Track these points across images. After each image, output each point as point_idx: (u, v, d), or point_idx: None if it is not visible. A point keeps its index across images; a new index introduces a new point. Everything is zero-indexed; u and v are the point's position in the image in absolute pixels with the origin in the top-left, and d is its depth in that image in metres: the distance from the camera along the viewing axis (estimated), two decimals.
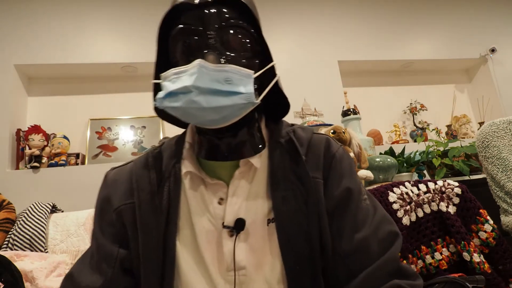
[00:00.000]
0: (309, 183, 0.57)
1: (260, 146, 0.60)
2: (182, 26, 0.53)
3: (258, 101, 0.52)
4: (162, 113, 0.61)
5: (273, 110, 0.66)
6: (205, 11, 0.53)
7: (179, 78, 0.50)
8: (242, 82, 0.50)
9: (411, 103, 2.98)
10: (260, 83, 0.56)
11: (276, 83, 0.58)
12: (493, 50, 3.00)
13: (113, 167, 0.67)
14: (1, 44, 2.26)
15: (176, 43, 0.54)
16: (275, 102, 0.63)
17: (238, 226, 0.55)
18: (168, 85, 0.51)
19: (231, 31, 0.53)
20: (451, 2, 3.16)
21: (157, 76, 0.56)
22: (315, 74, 2.68)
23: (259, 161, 0.59)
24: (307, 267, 0.54)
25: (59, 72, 2.41)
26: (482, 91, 3.09)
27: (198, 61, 0.49)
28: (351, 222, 0.56)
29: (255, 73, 0.53)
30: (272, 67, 0.58)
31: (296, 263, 0.54)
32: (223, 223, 0.56)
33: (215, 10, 0.53)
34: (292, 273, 0.54)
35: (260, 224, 0.57)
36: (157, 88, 0.56)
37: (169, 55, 0.57)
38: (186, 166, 0.59)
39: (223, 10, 0.53)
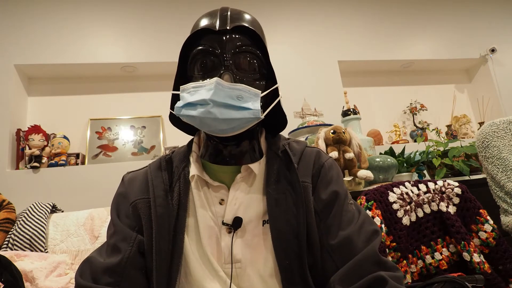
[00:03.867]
0: (298, 187, 0.64)
1: (258, 156, 0.68)
2: (203, 47, 0.62)
3: (263, 116, 0.60)
4: (174, 120, 0.71)
5: (273, 125, 0.75)
6: (223, 36, 0.62)
7: (197, 91, 0.59)
8: (251, 100, 0.59)
9: (411, 103, 2.98)
10: (264, 101, 0.64)
11: (278, 102, 0.68)
12: (493, 50, 3.00)
13: (129, 171, 0.75)
14: (1, 44, 2.26)
15: (196, 61, 0.63)
16: (275, 118, 0.73)
17: (236, 224, 0.63)
18: (187, 97, 0.60)
19: (243, 56, 0.63)
20: (451, 2, 3.17)
21: (175, 88, 0.65)
22: (315, 74, 2.68)
23: (258, 168, 0.68)
24: (296, 262, 0.60)
25: (59, 72, 2.42)
26: (482, 91, 3.09)
27: (215, 79, 0.58)
28: (338, 221, 0.63)
29: (262, 92, 0.62)
30: (276, 88, 0.67)
31: (286, 258, 0.60)
32: (223, 220, 0.63)
33: (232, 37, 0.62)
34: (284, 268, 0.60)
35: (255, 224, 0.64)
36: (174, 97, 0.66)
37: (187, 70, 0.66)
38: (193, 170, 0.67)
39: (238, 37, 0.63)
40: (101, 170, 2.17)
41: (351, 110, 2.02)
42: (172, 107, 0.64)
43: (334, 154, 1.40)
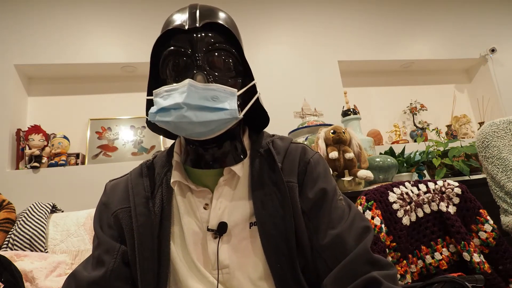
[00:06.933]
0: (283, 188, 0.62)
1: (241, 156, 0.65)
2: (173, 48, 0.60)
3: (241, 116, 0.58)
4: (153, 126, 0.67)
5: (256, 122, 0.72)
6: (194, 35, 0.59)
7: (170, 95, 0.56)
8: (227, 99, 0.56)
9: (411, 103, 2.98)
10: (242, 100, 0.62)
11: (257, 99, 0.65)
12: (493, 50, 3.00)
13: (111, 179, 0.73)
14: (1, 44, 2.26)
15: (168, 63, 0.60)
16: (257, 115, 0.70)
17: (221, 229, 0.61)
18: (160, 101, 0.56)
19: (217, 54, 0.60)
20: (451, 2, 3.17)
21: (150, 92, 0.62)
22: (315, 74, 2.68)
23: (241, 170, 0.65)
24: (287, 265, 0.59)
25: (59, 72, 2.42)
26: (482, 91, 3.09)
27: (188, 81, 0.55)
28: (327, 219, 0.61)
29: (238, 91, 0.59)
30: (254, 85, 0.64)
31: (277, 262, 0.59)
32: (207, 226, 0.61)
33: (203, 35, 0.59)
34: (276, 271, 0.58)
35: (242, 227, 0.62)
36: (149, 102, 0.62)
37: (159, 73, 0.63)
38: (174, 176, 0.64)
39: (210, 35, 0.60)
40: (101, 170, 2.17)
41: (351, 110, 2.02)
42: (148, 113, 0.60)
43: (334, 154, 1.40)
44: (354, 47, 2.83)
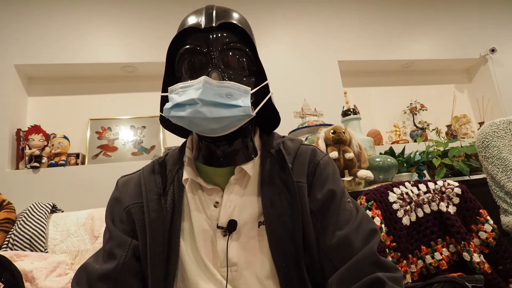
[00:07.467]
0: (293, 187, 0.63)
1: (252, 155, 0.67)
2: (189, 46, 0.61)
3: (254, 113, 0.59)
4: (165, 123, 0.70)
5: (267, 123, 0.74)
6: (210, 35, 0.61)
7: (185, 91, 0.58)
8: (241, 97, 0.58)
9: (411, 103, 2.98)
10: (255, 99, 0.64)
11: (269, 99, 0.66)
12: (493, 50, 3.00)
13: (123, 175, 0.74)
14: (1, 44, 2.26)
15: (183, 61, 0.62)
16: (268, 115, 0.72)
17: (231, 227, 0.62)
18: (175, 98, 0.58)
19: (231, 53, 0.62)
20: (451, 2, 3.17)
21: (164, 89, 0.64)
22: (315, 74, 2.68)
23: (252, 169, 0.66)
24: (293, 264, 0.59)
25: (59, 72, 2.42)
26: (482, 91, 3.09)
27: (203, 78, 0.57)
28: (334, 220, 0.61)
29: (252, 89, 0.61)
30: (266, 85, 0.66)
31: (283, 261, 0.59)
32: (217, 224, 0.63)
33: (219, 34, 0.61)
34: (281, 270, 0.59)
35: (251, 226, 0.63)
36: (163, 99, 0.65)
37: (175, 71, 0.65)
38: (186, 173, 0.66)
39: (225, 34, 0.62)
40: (101, 170, 2.17)
41: (351, 110, 2.02)
42: (162, 110, 0.63)
43: (334, 154, 1.40)
44: (354, 47, 2.83)
